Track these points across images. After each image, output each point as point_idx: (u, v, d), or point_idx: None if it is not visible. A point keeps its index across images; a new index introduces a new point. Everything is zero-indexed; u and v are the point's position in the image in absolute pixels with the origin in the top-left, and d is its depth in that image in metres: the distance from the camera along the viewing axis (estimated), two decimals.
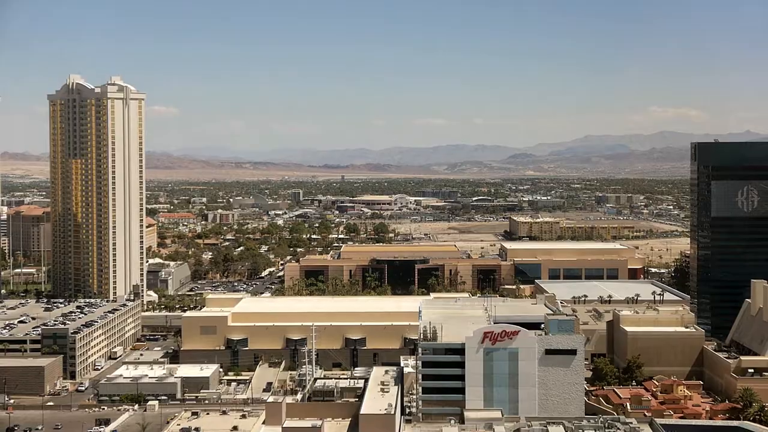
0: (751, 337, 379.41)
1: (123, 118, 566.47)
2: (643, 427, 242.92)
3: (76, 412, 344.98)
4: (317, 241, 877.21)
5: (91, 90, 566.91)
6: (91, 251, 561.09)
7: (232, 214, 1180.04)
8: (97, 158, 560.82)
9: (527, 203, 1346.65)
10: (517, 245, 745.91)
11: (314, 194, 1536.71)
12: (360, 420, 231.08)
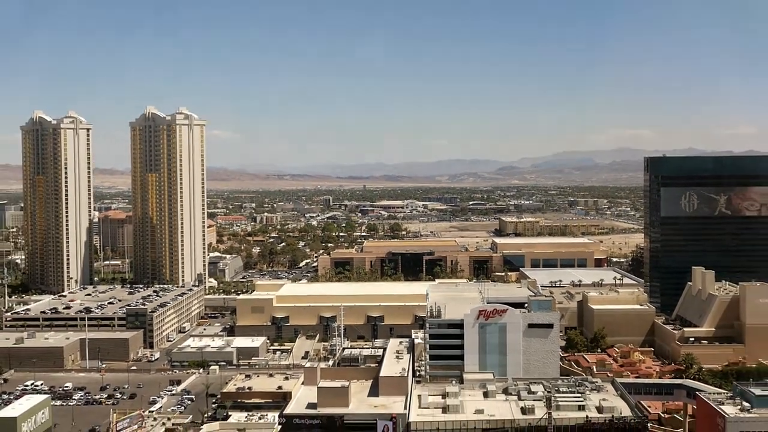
0: (692, 313, 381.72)
1: (188, 140, 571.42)
2: (606, 385, 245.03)
3: (153, 375, 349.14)
4: (344, 238, 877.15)
5: (163, 118, 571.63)
6: (164, 246, 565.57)
7: (275, 216, 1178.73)
8: (168, 173, 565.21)
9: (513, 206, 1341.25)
10: (505, 240, 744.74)
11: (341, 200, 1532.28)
12: (380, 381, 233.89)
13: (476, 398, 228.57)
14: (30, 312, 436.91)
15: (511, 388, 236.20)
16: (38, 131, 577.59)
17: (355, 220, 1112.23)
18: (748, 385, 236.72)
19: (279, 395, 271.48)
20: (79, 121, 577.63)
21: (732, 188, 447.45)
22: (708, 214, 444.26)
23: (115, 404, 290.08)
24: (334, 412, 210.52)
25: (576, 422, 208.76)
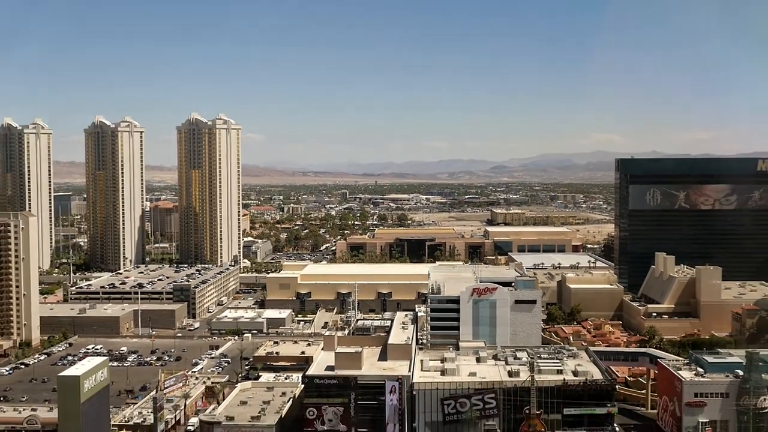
0: (655, 292, 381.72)
1: (226, 142, 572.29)
2: (581, 353, 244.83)
3: (196, 341, 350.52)
4: (358, 226, 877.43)
5: (205, 123, 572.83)
6: (205, 232, 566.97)
7: (300, 207, 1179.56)
8: (209, 169, 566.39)
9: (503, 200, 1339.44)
10: (495, 229, 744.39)
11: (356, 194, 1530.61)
12: (388, 348, 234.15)
13: (470, 363, 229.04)
14: (91, 287, 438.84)
15: (499, 355, 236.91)
16: (99, 133, 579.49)
17: (368, 211, 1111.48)
18: (702, 354, 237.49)
19: (302, 359, 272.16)
20: (133, 125, 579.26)
21: (690, 186, 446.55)
22: (669, 208, 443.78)
23: (163, 365, 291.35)
24: (349, 373, 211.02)
25: (555, 384, 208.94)
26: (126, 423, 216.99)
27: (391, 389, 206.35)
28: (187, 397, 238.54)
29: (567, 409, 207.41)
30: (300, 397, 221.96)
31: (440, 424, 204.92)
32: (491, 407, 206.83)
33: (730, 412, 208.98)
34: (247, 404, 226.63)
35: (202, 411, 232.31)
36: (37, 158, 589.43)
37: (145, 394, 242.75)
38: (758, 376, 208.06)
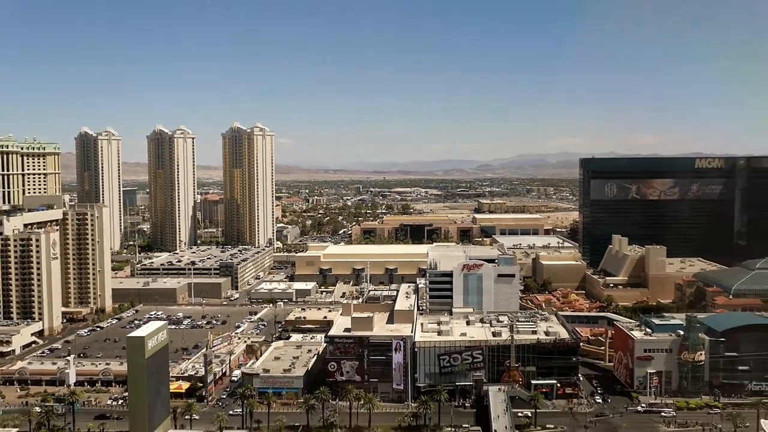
0: (612, 267, 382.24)
1: (262, 146, 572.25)
2: (551, 316, 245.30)
3: (238, 308, 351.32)
4: (369, 214, 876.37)
5: (245, 130, 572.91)
6: (245, 219, 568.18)
7: (322, 199, 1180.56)
8: (248, 168, 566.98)
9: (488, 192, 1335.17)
10: (481, 216, 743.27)
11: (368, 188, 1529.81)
12: (394, 313, 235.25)
13: (461, 325, 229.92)
14: (153, 264, 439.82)
15: (485, 318, 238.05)
16: (158, 139, 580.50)
17: (377, 202, 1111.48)
18: (650, 317, 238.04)
19: (324, 322, 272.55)
20: (186, 132, 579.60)
21: (640, 180, 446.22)
22: (623, 198, 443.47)
23: (212, 328, 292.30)
24: (362, 334, 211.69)
25: (530, 342, 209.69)
26: (182, 375, 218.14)
27: (396, 347, 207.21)
28: (231, 353, 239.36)
29: (540, 362, 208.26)
30: (323, 353, 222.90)
31: (437, 375, 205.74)
32: (478, 361, 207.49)
33: (672, 365, 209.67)
34: (280, 359, 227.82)
35: (244, 365, 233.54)
36: (108, 160, 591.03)
37: (197, 352, 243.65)
38: (695, 335, 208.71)
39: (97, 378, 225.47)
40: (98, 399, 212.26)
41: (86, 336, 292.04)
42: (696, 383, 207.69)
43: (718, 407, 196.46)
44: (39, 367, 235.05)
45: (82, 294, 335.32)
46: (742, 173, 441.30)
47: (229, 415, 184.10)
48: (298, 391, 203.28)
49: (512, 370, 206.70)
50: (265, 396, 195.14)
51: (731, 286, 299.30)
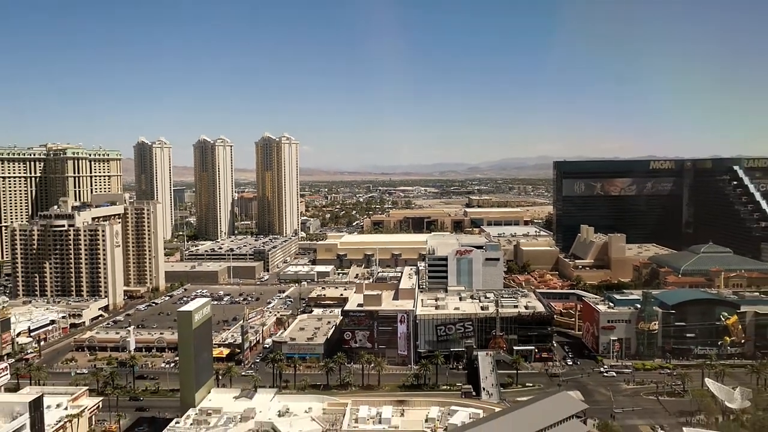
0: (580, 251, 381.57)
1: (288, 152, 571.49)
2: (530, 293, 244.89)
3: (269, 287, 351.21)
4: (378, 208, 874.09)
5: (274, 139, 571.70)
6: (274, 213, 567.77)
7: (338, 196, 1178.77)
8: (277, 171, 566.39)
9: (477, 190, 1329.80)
10: (472, 209, 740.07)
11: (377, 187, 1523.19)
12: (399, 291, 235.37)
13: (455, 301, 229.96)
14: (198, 250, 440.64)
15: (475, 295, 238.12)
16: (203, 147, 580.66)
17: (385, 198, 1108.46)
18: (612, 293, 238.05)
19: (341, 299, 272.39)
20: (226, 141, 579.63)
21: (604, 179, 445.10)
22: (590, 194, 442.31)
23: (247, 304, 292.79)
24: (372, 308, 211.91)
25: (512, 314, 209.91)
26: (223, 342, 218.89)
27: (401, 319, 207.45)
28: (263, 325, 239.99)
29: (521, 331, 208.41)
30: (340, 324, 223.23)
31: (435, 342, 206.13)
32: (469, 330, 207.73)
33: (631, 333, 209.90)
34: (304, 330, 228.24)
35: (274, 334, 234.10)
36: (161, 164, 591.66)
37: (236, 323, 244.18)
38: (650, 308, 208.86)
39: (153, 345, 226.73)
40: (153, 362, 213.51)
41: (144, 310, 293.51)
42: (651, 348, 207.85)
43: (669, 368, 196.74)
44: (105, 336, 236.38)
45: (140, 275, 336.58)
46: (688, 173, 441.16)
47: (262, 376, 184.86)
48: (319, 356, 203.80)
49: (497, 338, 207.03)
50: (292, 360, 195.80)
51: (680, 267, 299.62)
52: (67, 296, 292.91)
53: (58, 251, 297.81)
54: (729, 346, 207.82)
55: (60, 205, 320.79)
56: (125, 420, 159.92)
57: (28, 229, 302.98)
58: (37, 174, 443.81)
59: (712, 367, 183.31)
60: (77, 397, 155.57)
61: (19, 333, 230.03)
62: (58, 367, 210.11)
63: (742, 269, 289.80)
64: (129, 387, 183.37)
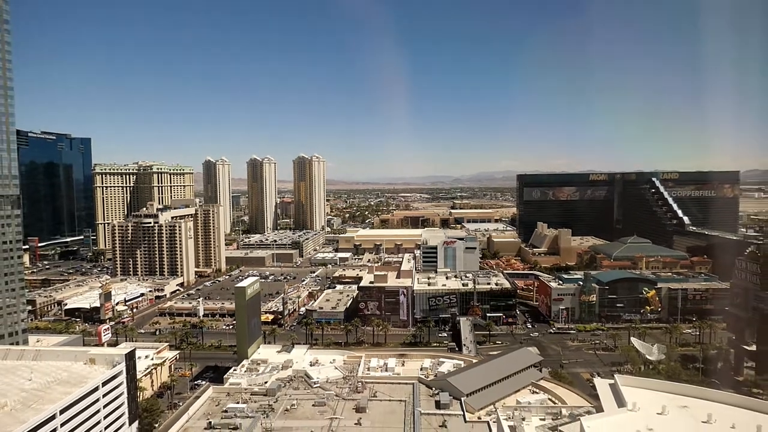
0: (537, 242, 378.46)
1: (317, 168, 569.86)
2: (499, 274, 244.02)
3: (303, 269, 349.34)
4: (385, 210, 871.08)
5: (306, 158, 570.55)
6: (307, 213, 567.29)
7: (355, 200, 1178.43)
8: (309, 182, 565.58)
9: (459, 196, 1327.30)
10: (456, 211, 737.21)
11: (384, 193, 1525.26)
12: (400, 272, 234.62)
13: (442, 279, 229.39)
14: (250, 240, 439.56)
15: (457, 275, 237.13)
16: (254, 164, 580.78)
17: (390, 202, 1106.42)
18: (561, 274, 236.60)
19: (357, 278, 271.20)
20: (271, 160, 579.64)
21: (555, 187, 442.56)
22: (544, 199, 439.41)
23: (287, 281, 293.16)
24: (381, 285, 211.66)
25: (485, 290, 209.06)
26: (268, 310, 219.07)
27: (402, 293, 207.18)
28: (298, 297, 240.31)
29: (492, 302, 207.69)
30: (356, 297, 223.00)
31: (428, 310, 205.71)
32: (453, 302, 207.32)
33: (575, 303, 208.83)
34: (329, 301, 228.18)
35: (307, 304, 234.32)
36: (222, 177, 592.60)
37: (278, 296, 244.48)
38: (589, 284, 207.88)
39: (216, 312, 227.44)
40: (217, 325, 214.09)
41: (209, 286, 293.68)
42: (590, 315, 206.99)
43: (604, 330, 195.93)
44: (181, 305, 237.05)
45: (207, 259, 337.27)
46: (618, 183, 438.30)
47: (298, 335, 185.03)
48: (340, 321, 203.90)
49: (474, 308, 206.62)
50: (320, 324, 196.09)
51: (612, 253, 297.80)
52: (153, 275, 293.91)
53: (146, 241, 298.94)
54: (649, 313, 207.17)
55: (148, 207, 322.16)
56: (196, 368, 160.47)
57: (124, 225, 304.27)
58: (131, 184, 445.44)
59: (636, 329, 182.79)
60: (160, 350, 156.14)
61: (117, 303, 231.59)
62: (146, 328, 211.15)
63: (658, 255, 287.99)
64: (199, 343, 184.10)
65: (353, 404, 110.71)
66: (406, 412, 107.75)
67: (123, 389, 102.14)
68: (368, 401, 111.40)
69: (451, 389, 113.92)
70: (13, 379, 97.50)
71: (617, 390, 79.19)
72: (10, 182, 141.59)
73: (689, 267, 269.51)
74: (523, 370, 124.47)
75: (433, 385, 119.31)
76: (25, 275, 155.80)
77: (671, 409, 72.65)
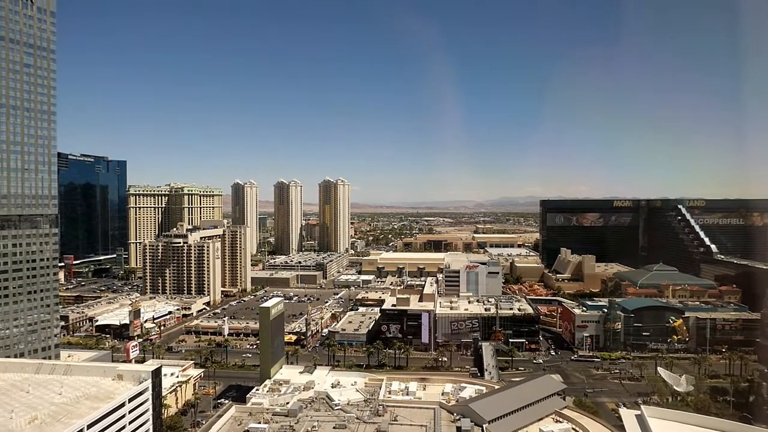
0: (561, 268, 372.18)
1: (342, 191, 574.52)
2: (522, 299, 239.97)
3: (326, 290, 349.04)
4: (408, 233, 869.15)
5: (332, 182, 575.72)
6: (332, 236, 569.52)
7: (379, 223, 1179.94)
8: (334, 205, 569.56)
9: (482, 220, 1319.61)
10: (478, 235, 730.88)
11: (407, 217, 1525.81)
12: (423, 296, 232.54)
13: (465, 303, 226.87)
14: (275, 262, 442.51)
15: (480, 299, 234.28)
16: (281, 187, 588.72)
17: (413, 226, 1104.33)
18: (585, 300, 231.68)
19: (379, 301, 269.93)
20: (297, 183, 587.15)
21: (578, 213, 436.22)
22: (567, 225, 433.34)
23: (310, 302, 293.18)
24: (403, 308, 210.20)
25: (508, 315, 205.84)
26: (292, 331, 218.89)
27: (424, 316, 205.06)
28: (321, 318, 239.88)
29: (514, 327, 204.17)
30: (379, 319, 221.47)
31: (450, 334, 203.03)
32: (476, 326, 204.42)
33: (600, 330, 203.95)
34: (352, 323, 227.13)
35: (330, 326, 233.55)
36: (250, 199, 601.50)
37: (302, 317, 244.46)
38: (614, 312, 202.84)
39: (241, 331, 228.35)
40: (241, 344, 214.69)
41: (235, 305, 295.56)
42: (615, 343, 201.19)
43: (629, 358, 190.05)
44: (207, 323, 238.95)
45: (233, 279, 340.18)
46: (643, 210, 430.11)
47: (320, 357, 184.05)
48: (362, 343, 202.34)
49: (497, 333, 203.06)
50: (342, 345, 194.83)
51: (638, 281, 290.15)
52: (181, 294, 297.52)
53: (175, 261, 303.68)
54: (676, 343, 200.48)
55: (178, 227, 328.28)
56: (219, 386, 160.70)
57: (155, 244, 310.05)
58: (162, 205, 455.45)
59: (663, 358, 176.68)
60: (186, 368, 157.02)
61: (146, 320, 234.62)
62: (173, 345, 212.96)
63: (685, 283, 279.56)
64: (223, 362, 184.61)
65: (374, 428, 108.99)
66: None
67: (148, 405, 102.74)
68: (389, 425, 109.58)
69: (472, 415, 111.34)
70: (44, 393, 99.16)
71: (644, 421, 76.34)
72: (49, 202, 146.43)
73: (717, 296, 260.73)
74: (547, 397, 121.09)
75: (454, 410, 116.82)
76: (59, 292, 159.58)
77: None
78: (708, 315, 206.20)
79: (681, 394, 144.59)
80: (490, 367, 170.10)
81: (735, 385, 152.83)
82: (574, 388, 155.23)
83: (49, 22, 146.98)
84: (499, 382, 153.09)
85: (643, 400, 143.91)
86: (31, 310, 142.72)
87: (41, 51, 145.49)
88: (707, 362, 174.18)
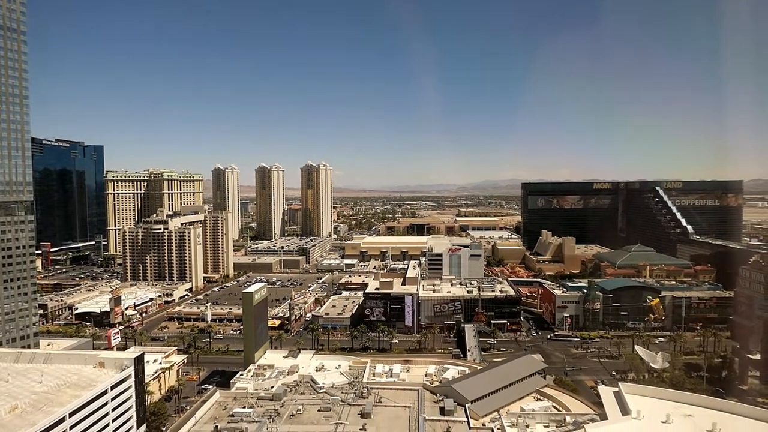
0: (541, 250, 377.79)
1: (324, 175, 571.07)
2: (503, 281, 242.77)
3: (309, 275, 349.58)
4: (390, 217, 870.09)
5: (314, 166, 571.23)
6: (314, 220, 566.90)
7: (362, 208, 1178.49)
8: (316, 189, 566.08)
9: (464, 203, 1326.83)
10: (461, 218, 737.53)
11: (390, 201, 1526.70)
12: (406, 279, 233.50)
13: (447, 286, 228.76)
14: (258, 247, 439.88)
15: (462, 282, 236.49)
16: (262, 171, 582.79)
17: (396, 210, 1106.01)
18: (565, 281, 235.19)
19: (363, 284, 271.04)
20: (278, 167, 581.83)
21: (558, 196, 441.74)
22: (548, 207, 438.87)
23: (293, 287, 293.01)
24: (386, 291, 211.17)
25: (490, 297, 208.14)
26: (275, 316, 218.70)
27: (407, 299, 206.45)
28: (305, 303, 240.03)
29: (496, 309, 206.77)
30: (362, 303, 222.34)
31: (433, 317, 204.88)
32: (458, 308, 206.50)
33: (579, 311, 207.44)
34: (336, 307, 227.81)
35: (313, 310, 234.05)
36: (231, 184, 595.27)
37: (285, 302, 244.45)
38: (594, 292, 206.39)
39: (224, 317, 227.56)
40: (224, 330, 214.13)
41: (217, 291, 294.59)
42: (594, 322, 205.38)
43: (608, 337, 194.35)
44: (189, 310, 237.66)
45: (215, 265, 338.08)
46: (622, 192, 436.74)
47: (304, 341, 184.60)
48: (346, 327, 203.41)
49: (479, 314, 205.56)
50: (326, 329, 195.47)
51: (616, 261, 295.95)
52: (162, 280, 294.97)
53: (156, 247, 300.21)
54: (653, 322, 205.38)
55: (158, 213, 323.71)
56: (203, 372, 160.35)
57: (135, 231, 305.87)
58: (141, 191, 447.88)
59: (640, 337, 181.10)
60: (168, 355, 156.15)
61: (127, 307, 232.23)
62: (155, 332, 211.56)
63: (662, 263, 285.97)
64: (206, 348, 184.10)
65: (358, 410, 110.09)
66: (410, 418, 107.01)
67: (131, 393, 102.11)
68: (373, 407, 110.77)
69: (455, 396, 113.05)
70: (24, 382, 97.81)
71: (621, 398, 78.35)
72: (24, 188, 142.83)
73: (693, 276, 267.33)
74: (528, 377, 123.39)
75: (437, 391, 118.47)
76: (37, 280, 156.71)
77: (675, 417, 71.75)
78: (683, 294, 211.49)
79: (657, 370, 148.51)
80: (473, 348, 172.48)
81: (709, 361, 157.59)
82: (555, 367, 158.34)
83: (18, 2, 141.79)
84: (481, 362, 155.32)
85: (621, 377, 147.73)
86: (8, 299, 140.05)
87: (11, 32, 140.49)
88: (682, 340, 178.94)
